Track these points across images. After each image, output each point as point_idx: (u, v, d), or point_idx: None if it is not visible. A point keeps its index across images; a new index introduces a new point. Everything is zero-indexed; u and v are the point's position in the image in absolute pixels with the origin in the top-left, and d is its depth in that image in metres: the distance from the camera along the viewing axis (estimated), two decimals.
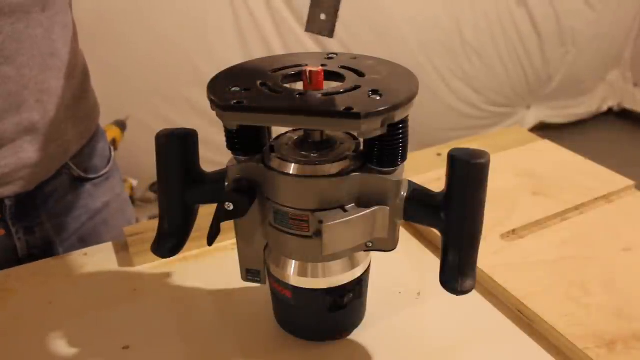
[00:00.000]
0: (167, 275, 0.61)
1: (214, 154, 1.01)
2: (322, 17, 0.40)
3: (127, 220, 0.84)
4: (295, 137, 0.46)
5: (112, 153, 0.83)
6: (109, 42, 1.82)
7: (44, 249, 0.73)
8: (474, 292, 0.50)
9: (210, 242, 0.45)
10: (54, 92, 0.65)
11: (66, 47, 0.65)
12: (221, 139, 0.47)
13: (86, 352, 0.51)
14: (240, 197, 0.43)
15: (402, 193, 0.43)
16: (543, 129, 2.86)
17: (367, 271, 0.49)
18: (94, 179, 0.77)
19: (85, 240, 0.77)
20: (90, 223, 0.77)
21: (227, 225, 0.46)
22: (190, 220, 0.48)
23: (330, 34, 0.40)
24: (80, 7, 0.66)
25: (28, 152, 0.64)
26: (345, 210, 0.43)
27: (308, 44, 2.15)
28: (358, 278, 0.48)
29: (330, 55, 0.48)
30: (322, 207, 0.42)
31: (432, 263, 0.62)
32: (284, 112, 0.39)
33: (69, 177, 0.73)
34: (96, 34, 0.68)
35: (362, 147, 0.45)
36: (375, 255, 0.49)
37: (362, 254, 0.48)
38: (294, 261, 0.47)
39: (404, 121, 0.41)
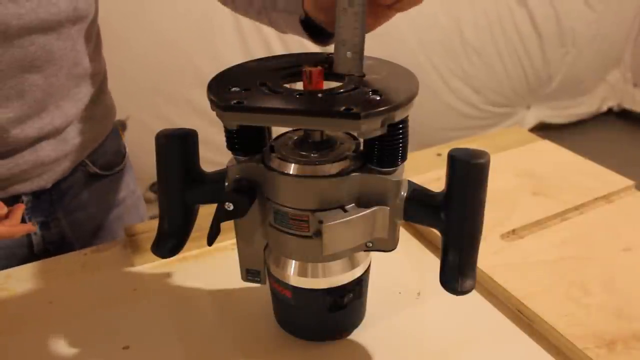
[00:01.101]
0: (167, 275, 0.61)
1: (214, 154, 1.01)
2: (349, 55, 0.40)
3: (140, 217, 0.85)
4: (295, 137, 0.46)
5: (127, 150, 0.84)
6: (110, 43, 1.82)
7: (59, 245, 0.73)
8: (474, 292, 0.50)
9: (210, 242, 0.45)
10: (75, 97, 0.67)
11: (89, 56, 0.67)
12: (221, 139, 0.47)
13: (86, 352, 0.51)
14: (240, 197, 0.43)
15: (402, 193, 0.43)
16: (543, 129, 2.86)
17: (367, 271, 0.49)
18: (109, 175, 0.78)
19: (100, 236, 0.77)
20: (105, 219, 0.78)
21: (227, 225, 0.46)
22: (190, 220, 0.48)
23: (359, 71, 0.41)
24: None
25: (46, 151, 0.66)
26: (345, 210, 0.43)
27: (308, 44, 2.14)
28: (358, 278, 0.48)
29: (330, 55, 0.48)
30: (322, 207, 0.42)
31: (432, 263, 0.62)
32: (284, 112, 0.39)
33: (84, 173, 0.74)
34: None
35: (362, 147, 0.45)
36: (375, 255, 0.49)
37: (362, 254, 0.48)
38: (294, 261, 0.47)
39: (404, 121, 0.41)
